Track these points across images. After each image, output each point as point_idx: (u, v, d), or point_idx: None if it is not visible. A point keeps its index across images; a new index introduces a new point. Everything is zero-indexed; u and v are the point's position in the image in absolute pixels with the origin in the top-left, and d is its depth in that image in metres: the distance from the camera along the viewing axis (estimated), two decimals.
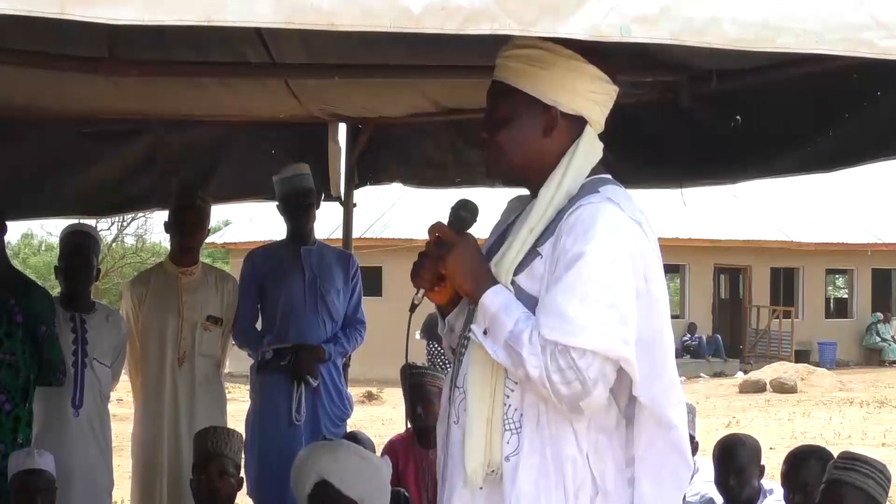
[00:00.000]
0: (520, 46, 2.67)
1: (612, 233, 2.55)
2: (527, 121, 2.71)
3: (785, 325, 29.34)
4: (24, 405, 5.08)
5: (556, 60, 2.66)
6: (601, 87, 2.74)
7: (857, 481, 3.86)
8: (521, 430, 2.61)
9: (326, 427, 5.71)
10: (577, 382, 2.50)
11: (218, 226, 29.36)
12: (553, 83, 2.68)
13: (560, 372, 2.49)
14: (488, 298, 2.60)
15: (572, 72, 2.68)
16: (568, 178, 2.68)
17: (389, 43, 4.45)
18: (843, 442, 14.38)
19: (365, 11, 1.96)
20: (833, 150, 4.59)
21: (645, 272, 2.58)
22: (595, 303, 2.50)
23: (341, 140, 6.49)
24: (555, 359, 2.49)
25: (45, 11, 1.87)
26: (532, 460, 2.60)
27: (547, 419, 2.59)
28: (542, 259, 2.62)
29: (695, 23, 2.14)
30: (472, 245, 2.70)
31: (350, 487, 4.25)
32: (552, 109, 2.70)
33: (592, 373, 2.50)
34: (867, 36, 2.22)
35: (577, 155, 2.70)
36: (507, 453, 2.62)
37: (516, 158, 2.74)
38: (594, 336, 2.48)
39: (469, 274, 2.67)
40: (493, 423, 2.63)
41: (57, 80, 5.02)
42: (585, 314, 2.49)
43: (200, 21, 1.88)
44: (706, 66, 4.64)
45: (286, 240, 5.97)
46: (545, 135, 2.71)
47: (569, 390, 2.50)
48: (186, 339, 5.78)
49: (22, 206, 6.17)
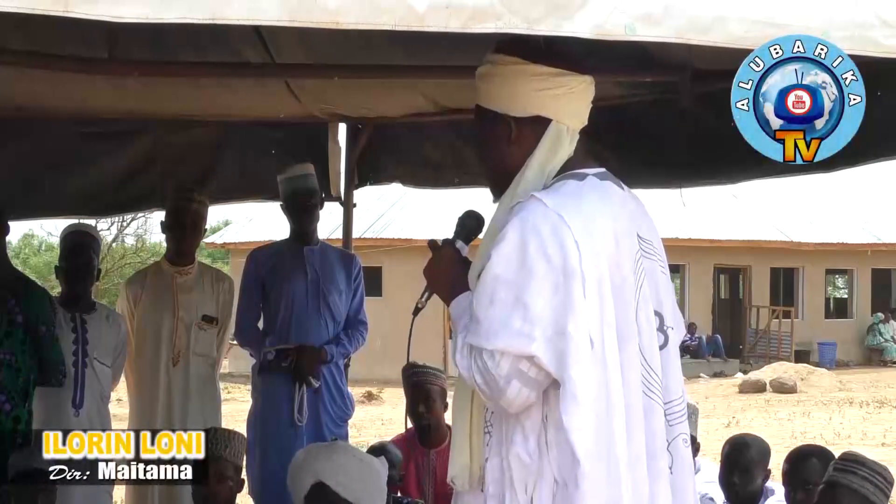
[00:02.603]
0: (482, 64, 2.78)
1: (519, 230, 2.57)
2: (491, 134, 2.79)
3: (785, 325, 29.33)
4: (24, 405, 5.07)
5: (496, 70, 2.74)
6: (553, 82, 2.72)
7: (853, 484, 3.84)
8: (492, 433, 2.69)
9: (328, 427, 5.71)
10: (494, 381, 2.56)
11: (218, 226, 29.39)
12: (498, 92, 2.76)
13: (480, 373, 2.57)
14: (452, 306, 2.72)
15: (512, 76, 2.73)
16: (525, 179, 2.72)
17: (389, 43, 4.45)
18: (842, 442, 14.38)
19: (370, 10, 1.96)
20: None
21: (564, 264, 2.54)
22: (499, 303, 2.55)
23: (341, 140, 6.49)
24: (475, 361, 2.58)
25: (49, 9, 1.86)
26: (494, 461, 2.67)
27: (505, 417, 2.64)
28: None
29: (700, 21, 2.14)
30: (446, 255, 2.80)
31: (347, 489, 4.25)
32: (504, 117, 2.75)
33: (503, 371, 2.55)
34: (872, 34, 2.22)
35: (535, 155, 2.73)
36: (487, 455, 2.70)
37: (495, 171, 2.82)
38: (498, 336, 2.54)
39: (445, 284, 2.77)
40: (473, 427, 2.73)
41: (57, 80, 5.01)
42: (491, 316, 2.55)
43: (205, 19, 1.88)
44: (706, 65, 4.63)
45: (289, 240, 5.95)
46: (508, 143, 2.76)
47: (488, 389, 2.58)
48: (181, 339, 5.78)
49: (22, 207, 6.16)
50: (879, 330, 31.13)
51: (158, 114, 6.08)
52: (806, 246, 29.62)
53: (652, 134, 5.19)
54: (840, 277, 36.38)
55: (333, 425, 5.76)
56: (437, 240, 2.85)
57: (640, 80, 4.93)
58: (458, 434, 2.75)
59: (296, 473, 4.42)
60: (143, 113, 6.03)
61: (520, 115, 2.74)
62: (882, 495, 3.87)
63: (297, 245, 5.89)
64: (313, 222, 5.90)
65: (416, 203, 24.01)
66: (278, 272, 5.85)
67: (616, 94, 5.13)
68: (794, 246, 29.57)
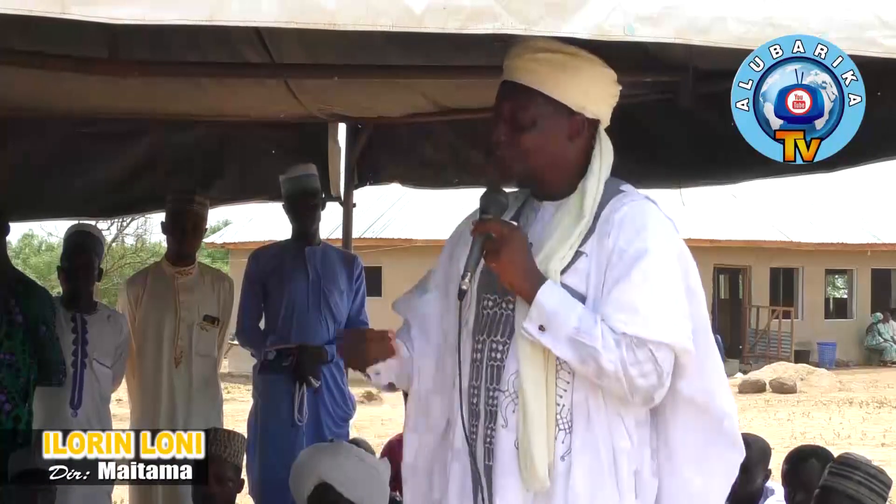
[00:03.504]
0: (542, 49, 2.67)
1: (665, 231, 2.66)
2: (553, 125, 2.73)
3: (784, 325, 29.32)
4: (24, 405, 5.07)
5: (582, 66, 2.69)
6: (616, 90, 2.79)
7: (849, 489, 3.82)
8: (573, 429, 2.65)
9: (329, 427, 5.70)
10: (655, 375, 2.58)
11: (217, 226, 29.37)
12: (581, 90, 2.72)
13: (638, 365, 2.56)
14: (544, 295, 2.60)
15: (597, 78, 2.73)
16: (602, 177, 2.74)
17: (389, 43, 4.45)
18: (842, 442, 14.38)
19: (368, 11, 1.96)
20: None
21: (687, 268, 2.67)
22: (664, 297, 2.59)
23: (341, 140, 6.49)
24: (631, 352, 2.55)
25: (47, 11, 1.86)
26: (584, 458, 2.64)
27: (597, 416, 2.64)
28: (586, 257, 2.66)
29: (699, 21, 2.14)
30: (524, 241, 2.68)
31: (350, 490, 4.25)
32: (578, 115, 2.73)
33: (667, 365, 2.59)
34: (871, 35, 2.22)
35: (603, 155, 2.76)
36: (562, 453, 2.64)
37: (540, 161, 2.75)
38: (668, 329, 2.58)
39: (523, 271, 2.64)
40: (547, 424, 2.64)
41: (57, 80, 5.01)
42: (658, 308, 2.58)
43: (203, 20, 1.88)
44: (706, 65, 4.63)
45: (291, 240, 5.95)
46: (570, 139, 2.74)
47: (646, 382, 2.58)
48: (183, 339, 5.78)
49: (22, 207, 6.16)
50: (879, 330, 31.12)
51: (158, 114, 6.08)
52: (806, 246, 29.61)
53: (652, 134, 5.19)
54: (840, 277, 36.36)
55: (334, 425, 5.76)
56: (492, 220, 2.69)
57: (640, 80, 4.92)
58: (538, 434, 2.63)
59: (299, 474, 4.42)
60: (143, 113, 6.03)
61: (590, 116, 2.75)
62: (879, 498, 3.85)
63: (299, 245, 5.89)
64: (315, 222, 5.90)
65: (416, 203, 23.99)
66: (279, 272, 5.85)
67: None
68: (794, 246, 29.55)
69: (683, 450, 2.73)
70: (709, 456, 2.76)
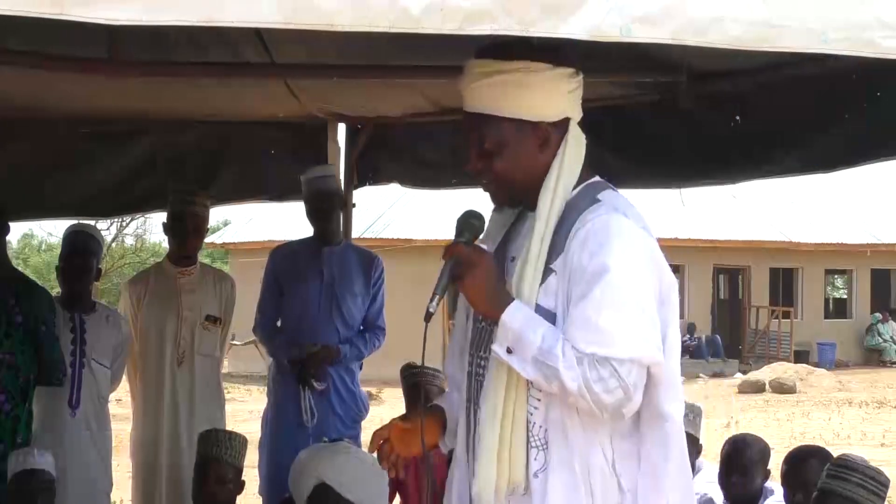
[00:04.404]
0: (487, 74, 2.66)
1: (629, 244, 2.60)
2: (519, 143, 2.70)
3: (784, 325, 29.33)
4: (24, 405, 5.08)
5: (529, 78, 2.65)
6: (575, 83, 2.72)
7: (846, 491, 3.81)
8: (548, 446, 2.65)
9: (337, 429, 5.63)
10: (620, 390, 2.55)
11: (217, 226, 29.35)
12: (535, 100, 2.68)
13: (601, 381, 2.54)
14: (508, 316, 2.60)
15: (549, 82, 2.68)
16: (562, 181, 2.69)
17: (389, 43, 4.45)
18: (842, 442, 14.38)
19: (365, 12, 1.96)
20: (833, 150, 4.59)
21: (660, 277, 2.65)
22: (627, 312, 2.56)
23: (340, 140, 6.49)
24: (594, 369, 2.53)
25: (45, 12, 1.86)
26: (561, 475, 2.64)
27: (574, 433, 2.64)
28: (555, 275, 2.64)
29: (696, 22, 2.14)
30: (490, 264, 2.69)
31: (349, 490, 4.25)
32: (540, 125, 2.69)
33: (632, 379, 2.56)
34: (870, 35, 2.21)
35: (565, 156, 2.71)
36: (536, 470, 2.65)
37: (518, 181, 2.73)
38: (631, 344, 2.55)
39: (487, 293, 2.65)
40: (513, 441, 2.65)
41: (57, 81, 5.01)
42: (619, 324, 2.55)
43: (200, 21, 1.88)
44: (706, 66, 4.64)
45: (311, 239, 5.88)
46: (540, 150, 2.71)
47: (612, 398, 2.56)
48: (185, 339, 5.77)
49: (22, 207, 6.16)
50: (878, 330, 31.13)
51: (158, 114, 6.09)
52: (805, 246, 29.62)
53: (652, 134, 5.19)
54: (839, 278, 36.37)
55: (343, 427, 5.70)
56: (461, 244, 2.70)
57: (640, 80, 4.93)
58: (485, 449, 2.65)
59: (298, 475, 4.42)
60: (144, 113, 6.03)
61: (553, 119, 2.70)
62: (877, 499, 3.84)
63: (318, 245, 5.83)
64: (331, 223, 5.83)
65: (416, 203, 23.99)
66: (294, 272, 5.79)
67: (616, 95, 5.14)
68: (794, 246, 29.57)
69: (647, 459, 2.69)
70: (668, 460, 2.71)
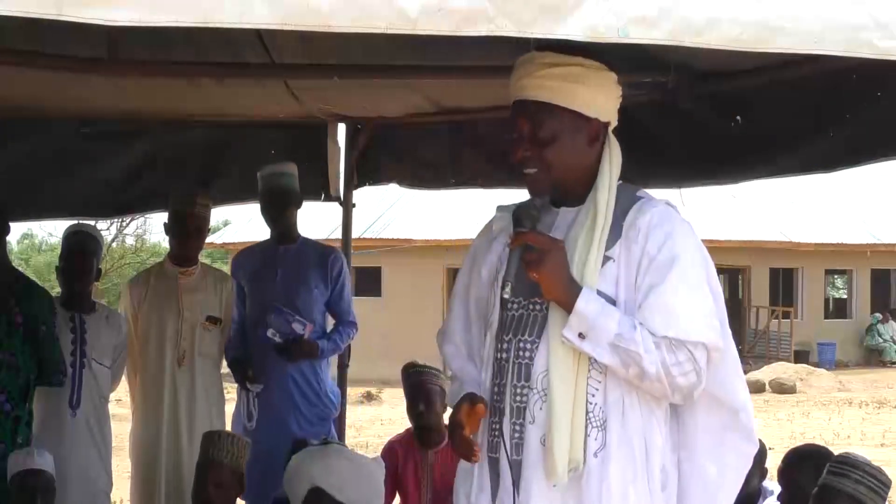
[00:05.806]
0: (549, 65, 2.80)
1: (691, 235, 2.81)
2: (573, 135, 2.84)
3: (784, 325, 29.34)
4: (24, 405, 5.08)
5: (589, 74, 2.82)
6: (619, 91, 2.91)
7: (847, 488, 3.82)
8: (607, 426, 2.77)
9: (302, 427, 5.69)
10: (694, 373, 2.73)
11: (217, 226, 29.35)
12: (591, 96, 2.83)
13: (678, 365, 2.71)
14: (582, 304, 2.72)
15: (603, 82, 2.85)
16: (614, 178, 2.87)
17: (389, 43, 4.45)
18: (842, 442, 14.38)
19: (362, 13, 1.97)
20: (833, 150, 4.59)
21: (709, 270, 2.83)
22: (697, 300, 2.75)
23: (340, 140, 6.49)
24: (672, 353, 2.71)
25: (42, 12, 1.87)
26: (620, 453, 2.76)
27: (632, 413, 2.78)
28: (614, 262, 2.79)
29: (693, 23, 2.14)
30: (564, 253, 2.80)
31: (343, 492, 4.25)
32: (594, 121, 2.85)
33: (703, 363, 2.74)
34: (867, 36, 2.22)
35: (612, 156, 2.88)
36: (595, 449, 2.76)
37: (566, 172, 2.87)
38: (703, 329, 2.73)
39: (565, 281, 2.76)
40: (574, 422, 2.75)
41: (57, 80, 5.01)
42: (693, 311, 2.73)
43: (197, 22, 1.89)
44: (706, 66, 4.64)
45: (269, 240, 5.98)
46: (589, 145, 2.86)
47: (686, 381, 2.73)
48: (186, 340, 5.77)
49: (23, 208, 6.16)
50: (878, 330, 31.13)
51: (158, 114, 6.09)
52: (805, 246, 29.62)
53: (652, 134, 5.19)
54: (839, 278, 36.37)
55: (308, 424, 5.75)
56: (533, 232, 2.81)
57: (639, 80, 4.93)
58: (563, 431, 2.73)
59: (291, 480, 4.40)
60: (143, 113, 6.03)
61: (604, 119, 2.88)
62: (878, 497, 3.84)
63: (274, 245, 5.90)
64: (286, 220, 5.88)
65: (416, 203, 23.98)
66: (252, 272, 5.92)
67: None
68: (794, 246, 29.57)
69: (701, 441, 2.87)
70: (724, 447, 2.90)
